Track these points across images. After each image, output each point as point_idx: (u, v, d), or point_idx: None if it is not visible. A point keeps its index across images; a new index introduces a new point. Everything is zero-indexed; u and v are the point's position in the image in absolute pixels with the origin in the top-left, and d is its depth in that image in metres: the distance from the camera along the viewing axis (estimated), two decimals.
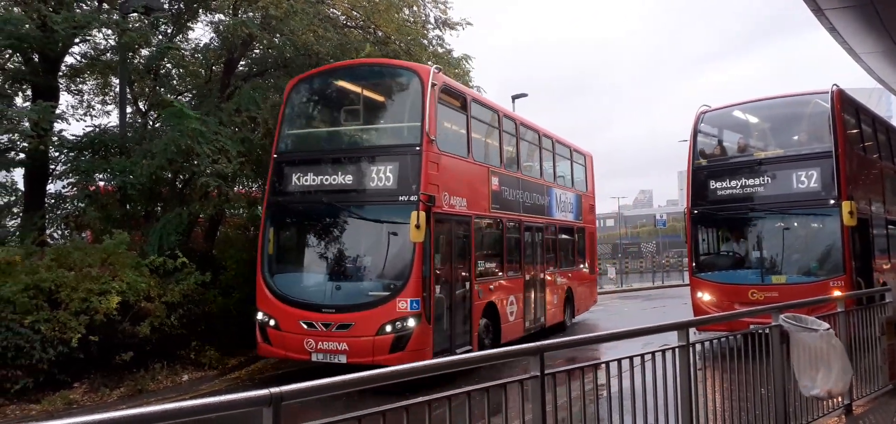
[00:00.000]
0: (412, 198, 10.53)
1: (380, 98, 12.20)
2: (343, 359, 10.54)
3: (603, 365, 4.88)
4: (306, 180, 11.43)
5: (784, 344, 6.36)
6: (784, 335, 6.38)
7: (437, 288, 10.96)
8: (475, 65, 19.39)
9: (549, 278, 16.22)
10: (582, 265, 19.02)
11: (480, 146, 13.47)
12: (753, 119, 15.30)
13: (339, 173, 11.23)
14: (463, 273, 12.00)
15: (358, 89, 12.10)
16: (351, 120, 12.11)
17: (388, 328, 10.37)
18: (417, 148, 10.79)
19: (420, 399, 3.48)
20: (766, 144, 14.49)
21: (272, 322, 11.18)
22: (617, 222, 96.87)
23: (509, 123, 14.56)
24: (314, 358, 10.73)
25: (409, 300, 10.37)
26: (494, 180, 13.23)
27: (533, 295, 15.17)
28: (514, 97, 34.96)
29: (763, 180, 13.42)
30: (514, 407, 3.95)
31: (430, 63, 14.78)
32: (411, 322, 10.36)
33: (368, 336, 10.42)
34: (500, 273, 13.41)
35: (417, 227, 10.07)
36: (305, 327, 10.83)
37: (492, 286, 12.87)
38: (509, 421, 3.87)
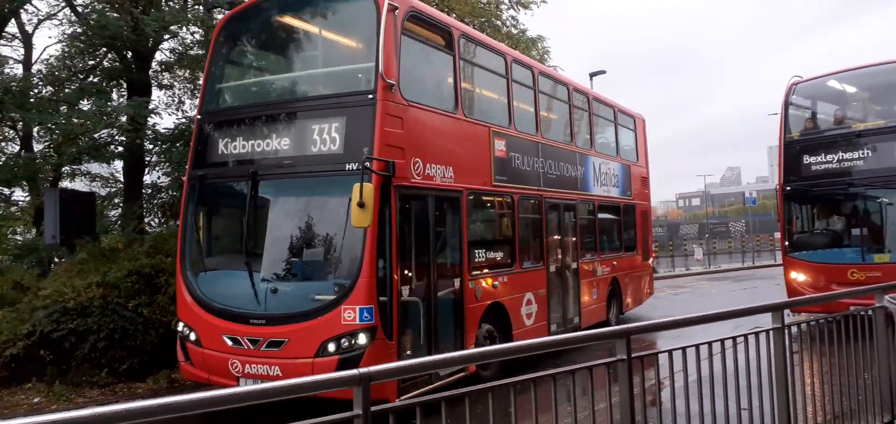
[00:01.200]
0: (360, 165, 7.58)
1: (326, 34, 9.23)
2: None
3: (692, 348, 4.60)
4: (233, 147, 8.60)
5: (890, 327, 6.05)
6: (889, 317, 6.07)
7: (406, 290, 7.97)
8: (554, 43, 18.92)
9: (585, 267, 13.00)
10: (631, 251, 15.65)
11: (478, 101, 10.39)
12: (850, 89, 14.37)
13: (273, 137, 8.35)
14: (450, 267, 8.99)
15: (299, 25, 9.18)
16: (290, 64, 9.22)
17: (331, 347, 7.49)
18: (369, 96, 7.81)
19: (504, 381, 3.67)
20: (866, 115, 13.78)
21: (193, 336, 8.46)
22: (703, 201, 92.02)
23: (523, 72, 11.36)
24: (242, 385, 7.93)
25: (357, 308, 7.44)
26: (499, 145, 10.12)
27: (561, 291, 12.01)
28: (592, 74, 31.69)
29: (862, 153, 12.72)
30: (593, 391, 4.01)
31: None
32: (362, 339, 7.44)
33: (306, 358, 7.55)
34: (511, 265, 10.31)
35: (360, 205, 7.11)
36: (230, 343, 8.05)
37: (497, 282, 9.79)
38: (595, 404, 3.99)
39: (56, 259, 14.60)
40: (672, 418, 4.51)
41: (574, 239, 12.70)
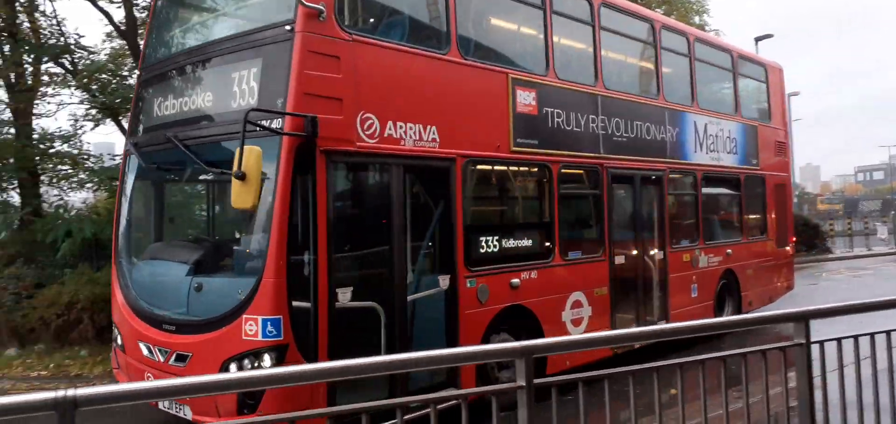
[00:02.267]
0: (274, 122, 5.54)
1: None
2: (187, 414, 5.95)
3: (883, 334, 4.22)
4: (162, 110, 6.85)
5: None
6: None
7: (346, 293, 5.83)
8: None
9: (678, 257, 10.09)
10: (757, 235, 12.30)
11: (490, 35, 7.92)
12: None
13: (196, 93, 6.51)
14: (432, 261, 6.74)
15: None
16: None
17: (232, 369, 5.54)
18: (287, 28, 5.71)
19: (673, 360, 3.67)
20: None
21: (119, 339, 6.92)
22: (887, 175, 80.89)
23: (572, 2, 8.66)
24: (161, 406, 6.27)
25: (260, 319, 5.44)
26: (525, 98, 7.62)
27: (635, 289, 9.27)
28: (758, 39, 27.73)
29: None
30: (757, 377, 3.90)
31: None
32: (267, 361, 5.43)
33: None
34: (546, 256, 7.82)
35: (239, 177, 5.08)
36: (144, 352, 6.39)
37: (517, 280, 7.36)
38: (770, 389, 3.87)
39: None
40: (858, 411, 4.05)
41: (660, 221, 9.83)
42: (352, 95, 5.90)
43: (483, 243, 7.11)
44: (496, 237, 7.28)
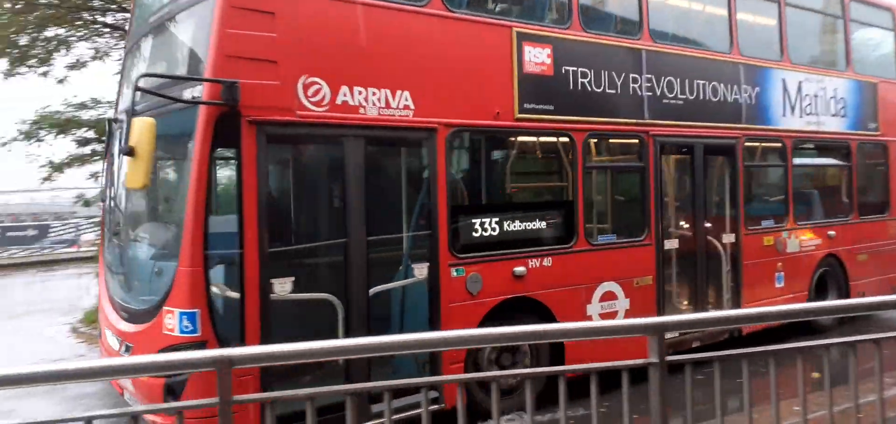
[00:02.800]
0: (194, 91, 4.91)
1: None
2: (138, 405, 5.52)
3: None
4: (129, 84, 6.43)
5: None
6: None
7: (286, 283, 5.10)
8: None
9: (763, 240, 8.57)
10: (872, 213, 10.29)
11: None
12: None
13: (149, 63, 5.99)
14: (406, 245, 5.88)
15: None
16: None
17: None
18: None
19: (804, 342, 3.49)
20: None
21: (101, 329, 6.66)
22: None
23: None
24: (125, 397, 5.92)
25: (176, 312, 4.85)
26: (537, 55, 6.50)
27: (691, 279, 7.90)
28: None
29: None
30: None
31: None
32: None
33: None
34: (566, 240, 6.70)
35: (127, 153, 4.48)
36: (108, 341, 6.06)
37: (522, 269, 6.33)
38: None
39: None
40: None
41: (732, 198, 8.32)
42: (291, 57, 5.12)
43: (476, 227, 6.14)
44: (495, 219, 6.27)
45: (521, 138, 6.67)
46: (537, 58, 6.50)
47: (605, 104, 7.04)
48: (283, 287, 5.07)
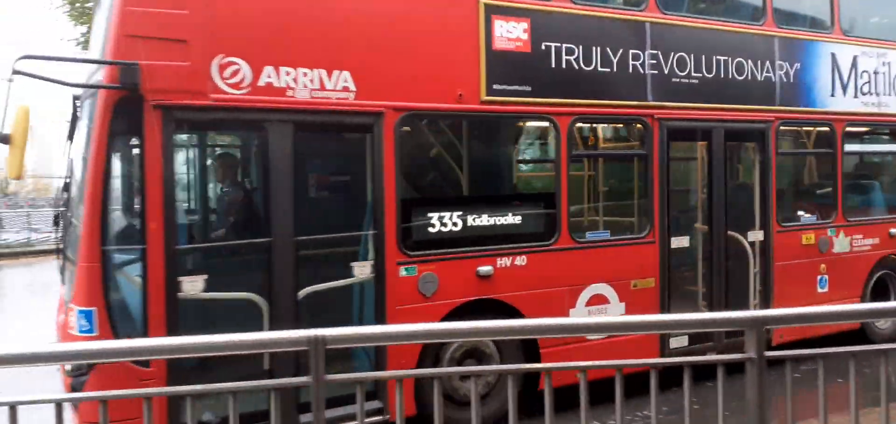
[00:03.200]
0: (97, 76, 4.58)
1: None
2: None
3: None
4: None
5: None
6: None
7: (194, 284, 4.71)
8: None
9: (802, 238, 7.56)
10: None
11: None
12: None
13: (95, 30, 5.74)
14: (349, 241, 5.38)
15: None
16: None
17: (68, 365, 4.76)
18: None
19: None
20: None
21: None
22: None
23: None
24: None
25: (76, 310, 4.55)
26: (511, 30, 5.81)
27: (708, 282, 7.01)
28: None
29: None
30: None
31: None
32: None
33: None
34: (546, 237, 6.01)
35: (3, 139, 4.19)
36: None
37: (488, 268, 5.70)
38: None
39: None
40: None
41: (762, 189, 7.33)
42: (205, 35, 4.70)
43: (432, 221, 5.55)
44: (457, 213, 5.66)
45: (490, 123, 6.00)
46: (511, 33, 5.81)
47: (598, 85, 6.26)
48: (193, 286, 4.68)
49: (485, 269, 5.68)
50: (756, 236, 7.28)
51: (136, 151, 4.66)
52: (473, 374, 2.99)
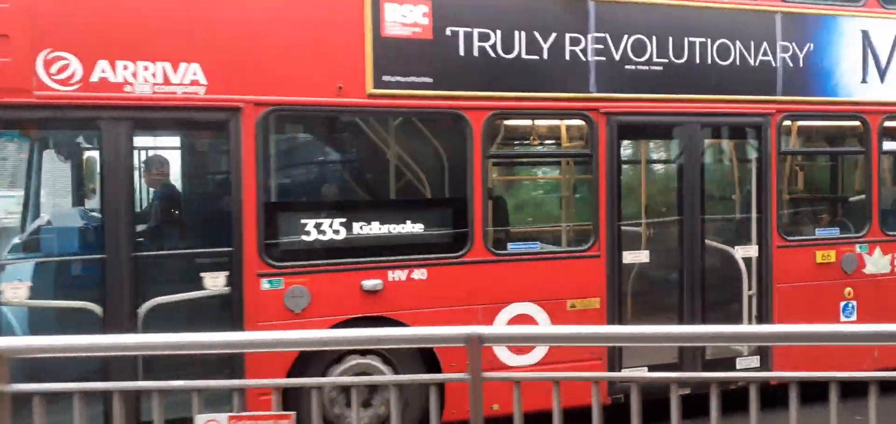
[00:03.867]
0: None
1: None
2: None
3: None
4: None
5: None
6: None
7: (17, 291, 4.45)
8: None
9: (816, 256, 6.26)
10: None
11: None
12: None
13: None
14: (196, 252, 4.97)
15: None
16: None
17: None
18: None
19: None
20: None
21: None
22: None
23: None
24: None
25: None
26: (400, 13, 5.13)
27: (679, 304, 5.92)
28: None
29: None
30: None
31: None
32: None
33: None
34: (456, 249, 5.26)
35: None
36: None
37: (376, 283, 5.05)
38: None
39: None
40: None
41: (759, 195, 6.11)
42: (28, 29, 4.44)
43: (304, 228, 4.99)
44: (338, 220, 5.06)
45: (380, 119, 5.35)
46: (406, 17, 5.13)
47: (523, 75, 5.42)
48: (15, 293, 4.43)
49: (371, 283, 5.04)
50: (747, 251, 6.07)
51: None
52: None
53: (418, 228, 5.25)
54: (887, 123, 6.54)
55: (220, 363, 4.71)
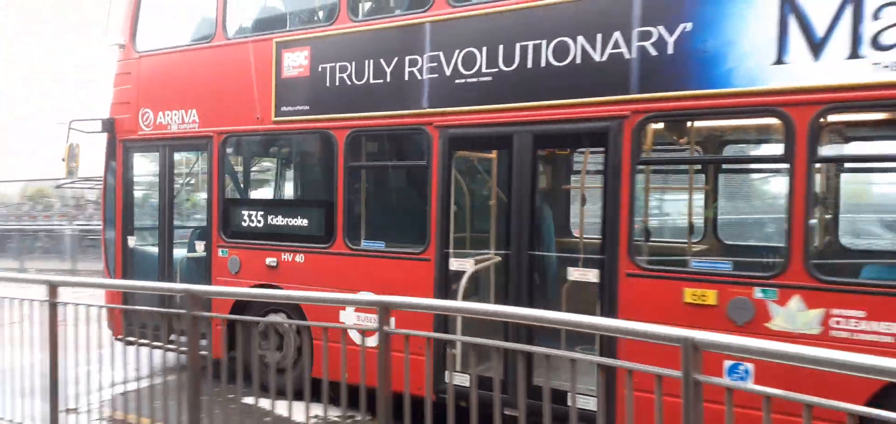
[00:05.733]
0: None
1: None
2: None
3: None
4: None
5: None
6: None
7: None
8: None
9: (685, 294, 5.05)
10: None
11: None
12: None
13: None
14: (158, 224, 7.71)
15: None
16: None
17: None
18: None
19: None
20: None
21: None
22: None
23: None
24: None
25: None
26: (295, 60, 6.78)
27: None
28: None
29: None
30: None
31: None
32: None
33: None
34: (325, 241, 6.71)
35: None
36: None
37: (274, 260, 7.00)
38: None
39: None
40: None
41: (605, 214, 5.27)
42: (135, 96, 8.04)
43: (237, 216, 7.23)
44: (256, 212, 7.12)
45: (278, 139, 7.05)
46: (295, 62, 6.79)
47: (371, 97, 6.33)
48: None
49: (271, 261, 6.98)
50: (586, 275, 5.34)
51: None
52: None
53: (302, 222, 6.84)
54: (829, 118, 4.52)
55: None
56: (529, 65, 5.48)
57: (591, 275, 5.32)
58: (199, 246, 7.65)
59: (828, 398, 2.63)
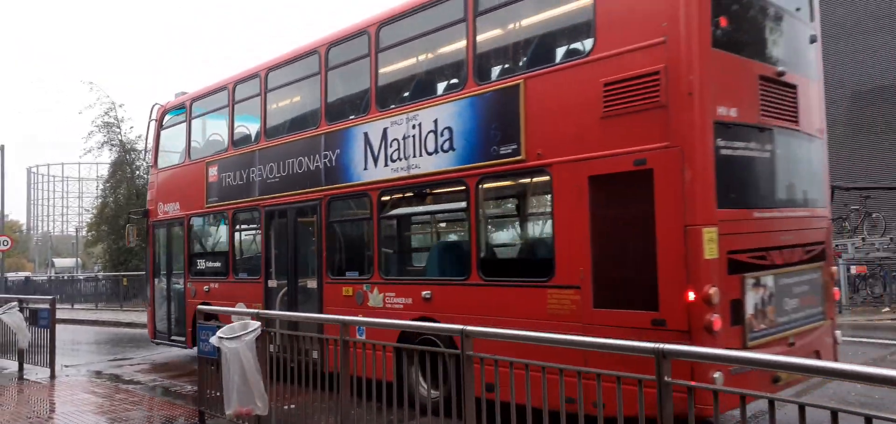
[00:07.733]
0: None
1: None
2: None
3: None
4: None
5: None
6: None
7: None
8: None
9: (343, 293, 9.53)
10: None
11: (204, 143, 12.13)
12: None
13: None
14: (170, 271, 13.08)
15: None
16: None
17: None
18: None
19: None
20: None
21: None
22: None
23: (250, 84, 11.18)
24: None
25: None
26: (212, 171, 12.04)
27: (293, 309, 10.43)
28: None
29: None
30: None
31: None
32: None
33: None
34: (225, 274, 11.83)
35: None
36: None
37: (209, 287, 12.22)
38: None
39: None
40: None
41: (318, 252, 9.79)
42: (155, 196, 13.70)
43: (196, 264, 12.50)
44: (201, 261, 12.37)
45: (214, 216, 12.23)
46: (213, 174, 12.01)
47: (241, 190, 11.35)
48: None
49: (205, 288, 12.15)
50: (313, 281, 9.90)
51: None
52: None
53: (217, 264, 11.97)
54: (383, 197, 8.83)
55: None
56: (292, 171, 10.21)
57: (315, 282, 9.84)
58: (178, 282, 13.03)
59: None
